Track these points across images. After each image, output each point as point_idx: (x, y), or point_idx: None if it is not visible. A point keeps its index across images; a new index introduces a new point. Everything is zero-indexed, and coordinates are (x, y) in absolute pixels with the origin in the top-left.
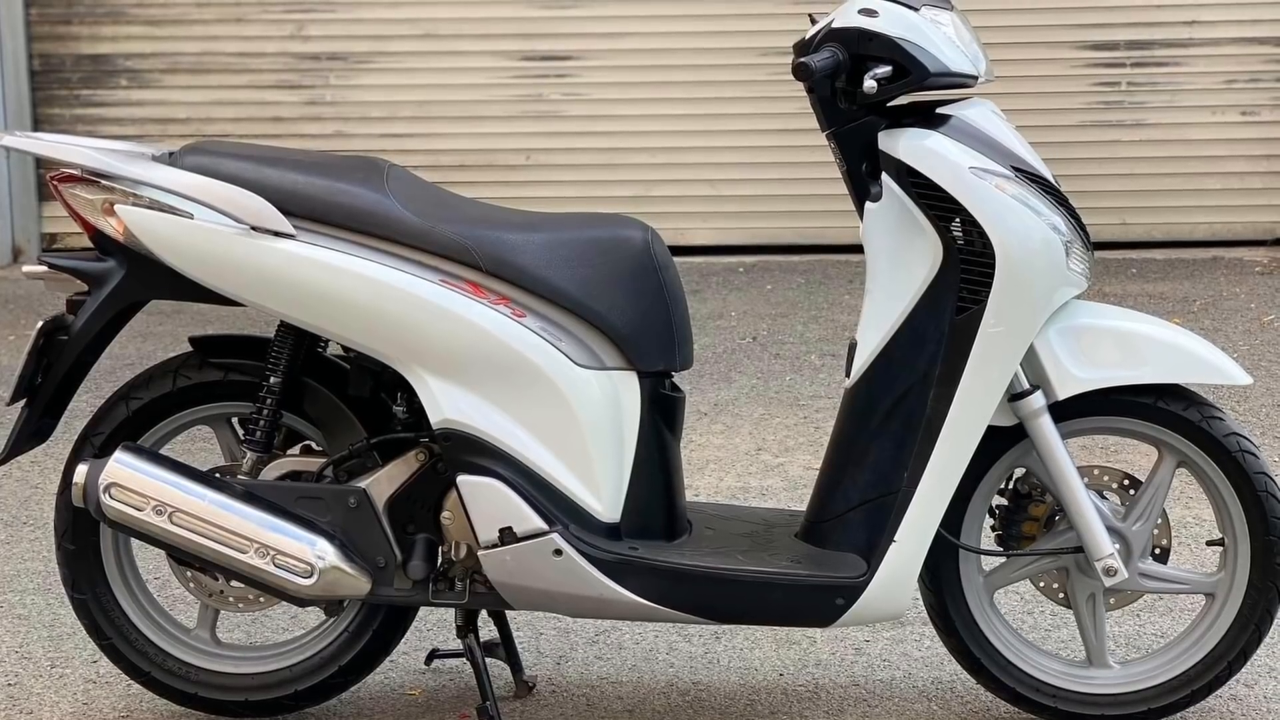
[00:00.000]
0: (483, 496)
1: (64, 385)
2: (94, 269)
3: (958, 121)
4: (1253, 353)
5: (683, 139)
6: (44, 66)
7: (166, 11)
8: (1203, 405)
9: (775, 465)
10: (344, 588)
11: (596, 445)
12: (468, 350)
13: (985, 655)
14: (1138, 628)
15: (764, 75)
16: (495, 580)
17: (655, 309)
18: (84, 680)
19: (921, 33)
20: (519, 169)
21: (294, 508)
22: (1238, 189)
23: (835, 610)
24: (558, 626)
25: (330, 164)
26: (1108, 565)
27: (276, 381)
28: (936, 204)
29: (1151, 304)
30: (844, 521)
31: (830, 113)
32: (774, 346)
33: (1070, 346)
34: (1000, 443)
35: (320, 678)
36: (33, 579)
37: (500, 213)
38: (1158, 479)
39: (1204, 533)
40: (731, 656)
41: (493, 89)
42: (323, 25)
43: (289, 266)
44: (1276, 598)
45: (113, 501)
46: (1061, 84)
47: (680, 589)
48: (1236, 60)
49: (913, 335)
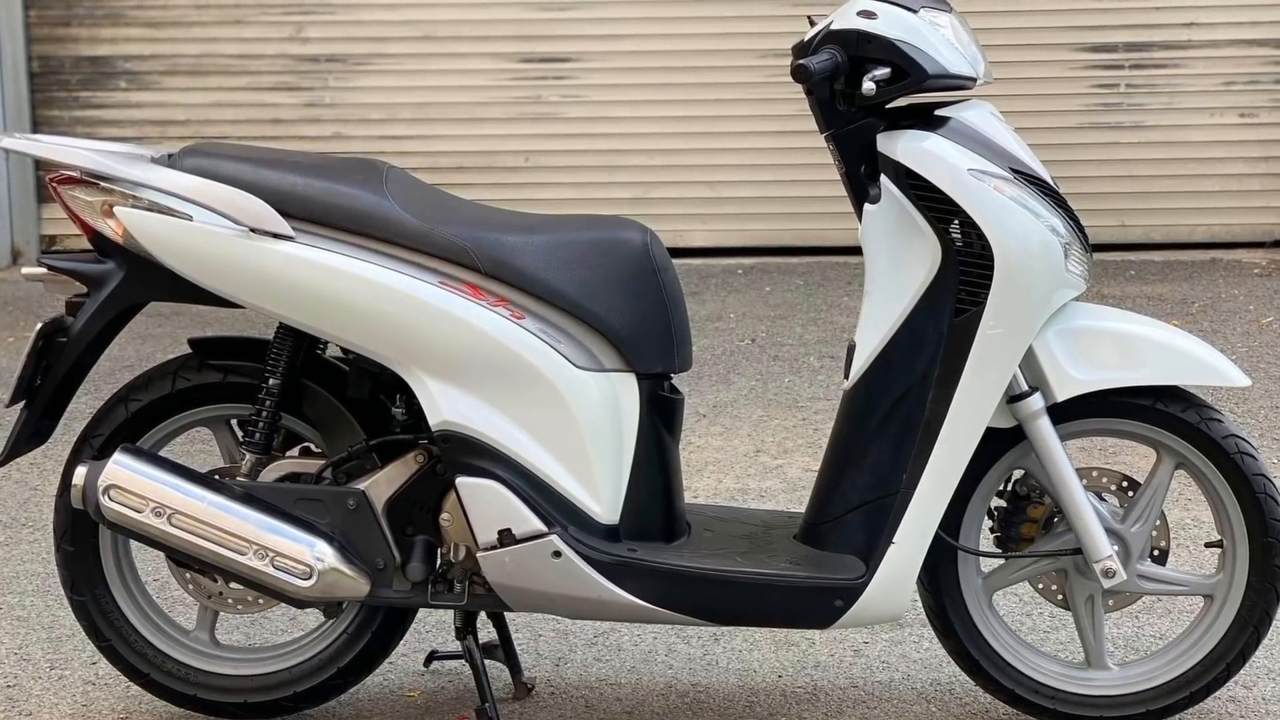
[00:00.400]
0: (481, 498)
1: (63, 387)
2: (93, 271)
3: (956, 123)
4: (1251, 354)
5: (681, 141)
6: (43, 68)
7: (165, 14)
8: (1201, 407)
9: (774, 467)
10: (343, 589)
11: (595, 447)
12: (466, 352)
13: (984, 657)
14: (1136, 629)
15: (763, 77)
16: (494, 582)
17: (654, 311)
18: (83, 682)
19: (920, 34)
20: (518, 171)
21: (293, 509)
22: (1236, 191)
23: (834, 612)
24: (556, 628)
25: (329, 166)
26: (1106, 567)
27: (275, 383)
28: (935, 206)
29: (1150, 306)
30: (843, 523)
31: (829, 115)
32: (773, 348)
33: (1069, 348)
34: (999, 444)
35: (319, 679)
36: (32, 580)
37: (499, 214)
38: (1156, 480)
39: (1203, 534)
40: (730, 658)
41: (491, 91)
42: (321, 27)
43: (288, 268)
44: (1275, 599)
45: (112, 503)
46: (1060, 86)
47: (679, 591)
48: (1235, 62)
49: (911, 337)
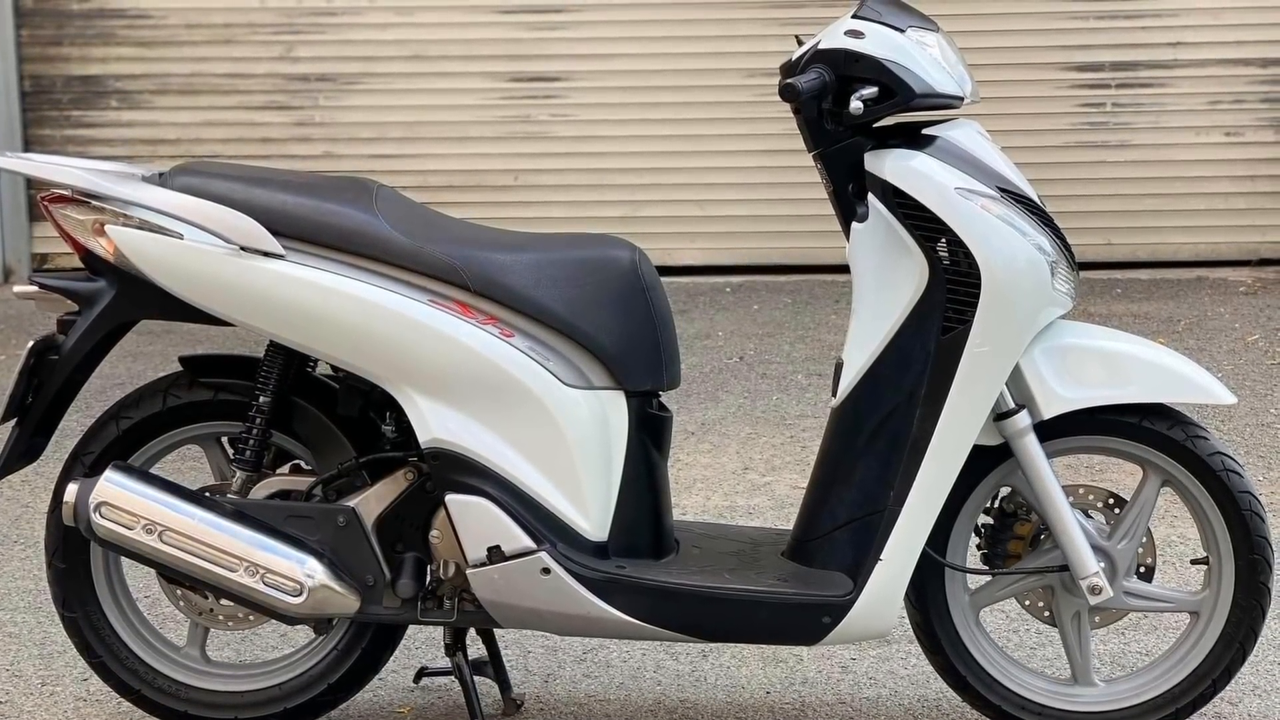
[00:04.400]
0: (471, 515)
1: (54, 404)
2: (84, 289)
3: (943, 142)
4: (1237, 372)
5: (670, 160)
6: (34, 88)
7: (156, 33)
8: (1187, 424)
9: (762, 484)
10: (333, 606)
11: (584, 464)
12: (456, 370)
13: (971, 673)
14: (1122, 646)
15: (751, 96)
16: (483, 598)
17: (643, 329)
18: (74, 698)
19: (907, 54)
20: (507, 189)
21: (283, 526)
22: (1222, 209)
23: (822, 628)
24: (545, 645)
25: (319, 184)
26: (1093, 584)
27: (266, 401)
28: (922, 224)
29: (1136, 324)
30: (830, 540)
31: (817, 133)
32: (761, 366)
33: (1055, 366)
34: (986, 462)
35: (309, 695)
36: (23, 597)
37: (488, 233)
38: (1142, 498)
39: (1188, 551)
40: (719, 674)
41: (481, 110)
42: (311, 47)
43: (278, 286)
44: (1260, 616)
45: (103, 520)
46: (1047, 105)
47: (667, 607)
48: (1221, 81)
49: (899, 355)
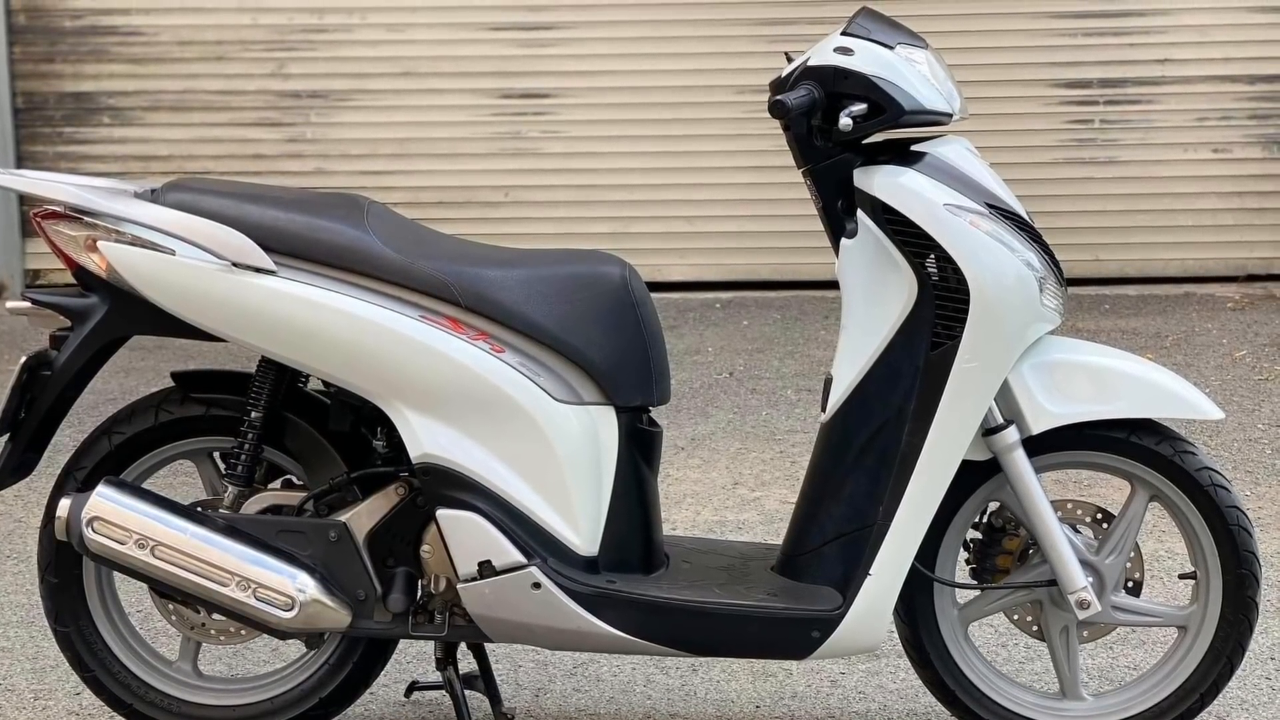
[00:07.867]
0: (462, 530)
1: (47, 420)
2: (77, 305)
3: (932, 159)
4: (1224, 387)
5: (660, 176)
6: (27, 104)
7: (149, 50)
8: (1175, 440)
9: (752, 499)
10: (324, 620)
11: (574, 479)
12: (447, 385)
13: (960, 687)
14: (1111, 660)
15: (740, 113)
16: (474, 613)
17: (633, 344)
18: (67, 713)
19: (896, 71)
20: (498, 206)
21: (275, 541)
22: (1210, 225)
23: (811, 643)
24: (536, 659)
25: (311, 201)
26: (1081, 598)
27: (257, 416)
28: (911, 240)
29: (1124, 339)
30: (820, 555)
31: (806, 150)
32: (750, 381)
33: (1044, 381)
34: (974, 477)
35: (301, 709)
36: (16, 612)
37: (479, 249)
38: (1130, 513)
39: (1176, 566)
40: (708, 689)
41: (472, 126)
42: (303, 64)
43: (270, 302)
44: (1248, 630)
45: (95, 535)
46: (1035, 121)
47: (657, 622)
48: (1208, 98)
49: (888, 370)
